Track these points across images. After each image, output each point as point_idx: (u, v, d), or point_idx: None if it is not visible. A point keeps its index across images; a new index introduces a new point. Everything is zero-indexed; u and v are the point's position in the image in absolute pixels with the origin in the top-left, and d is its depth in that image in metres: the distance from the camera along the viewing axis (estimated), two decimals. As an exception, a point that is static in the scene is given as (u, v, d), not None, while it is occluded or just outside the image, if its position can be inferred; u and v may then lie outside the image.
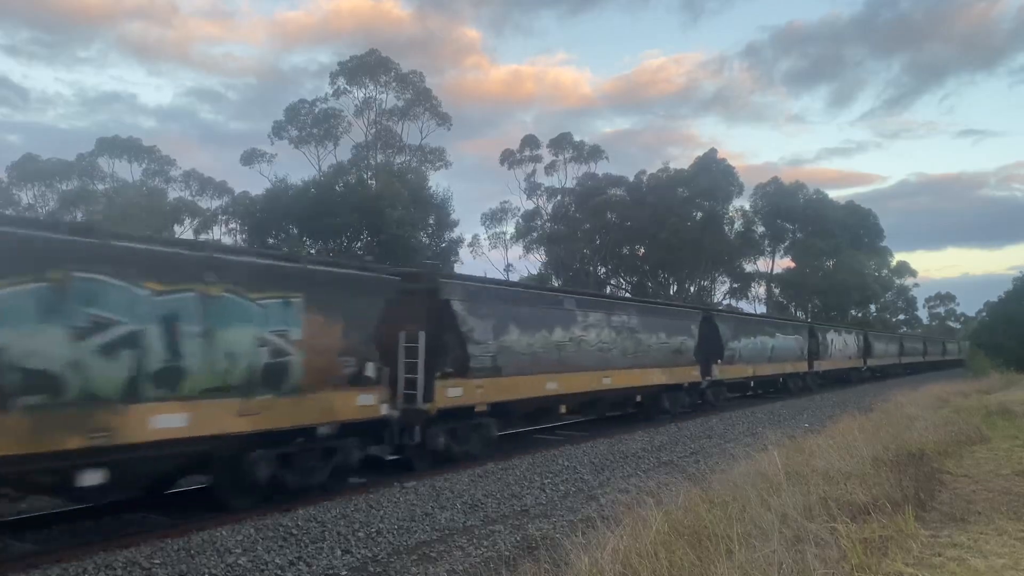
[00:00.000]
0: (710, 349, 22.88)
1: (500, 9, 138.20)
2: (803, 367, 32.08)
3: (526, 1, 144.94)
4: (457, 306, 12.73)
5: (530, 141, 65.71)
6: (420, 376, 11.69)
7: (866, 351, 43.55)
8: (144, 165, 57.77)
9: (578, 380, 15.97)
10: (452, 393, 12.32)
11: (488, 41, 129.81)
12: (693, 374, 21.56)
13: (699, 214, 63.28)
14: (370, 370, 10.66)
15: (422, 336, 11.79)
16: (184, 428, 8.12)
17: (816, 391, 32.79)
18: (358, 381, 10.49)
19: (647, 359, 19.04)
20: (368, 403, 10.58)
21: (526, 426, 17.32)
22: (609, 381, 17.25)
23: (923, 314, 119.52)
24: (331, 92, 54.44)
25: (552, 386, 15.09)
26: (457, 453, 12.75)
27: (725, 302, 65.99)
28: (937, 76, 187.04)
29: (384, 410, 10.85)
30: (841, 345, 38.79)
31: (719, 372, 23.30)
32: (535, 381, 14.61)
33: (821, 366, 34.41)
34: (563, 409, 16.25)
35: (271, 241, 43.59)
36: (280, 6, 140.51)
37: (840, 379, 38.80)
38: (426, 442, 12.05)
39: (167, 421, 7.98)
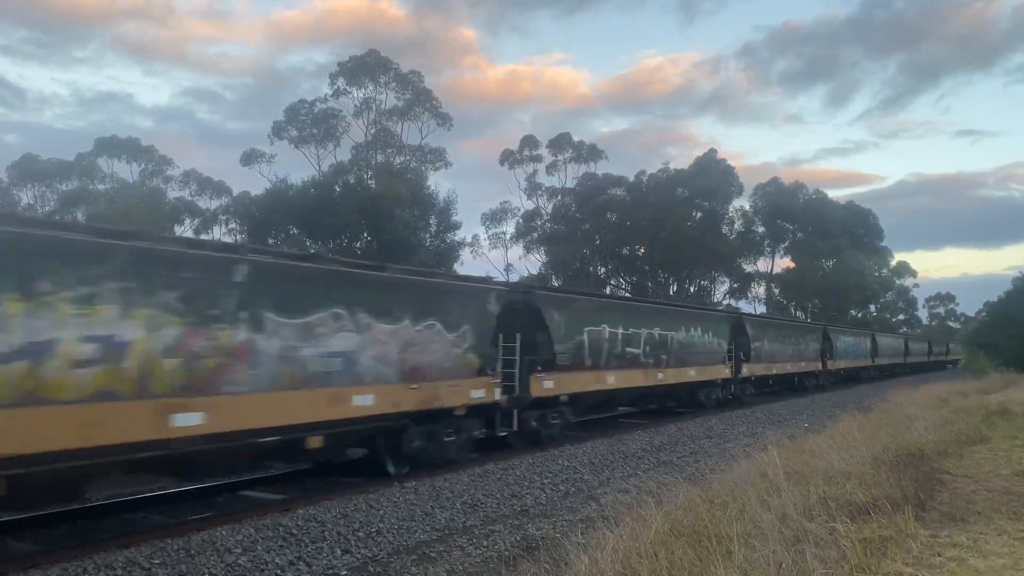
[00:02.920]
0: (523, 350, 14.26)
1: (496, 9, 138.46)
2: (723, 373, 24.04)
3: (522, 1, 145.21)
4: None
5: (529, 141, 65.83)
6: None
7: (825, 352, 35.17)
8: (142, 165, 57.90)
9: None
10: None
11: (484, 41, 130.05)
12: (475, 395, 12.76)
13: (699, 214, 63.31)
14: None
15: None
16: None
17: (750, 404, 25.82)
18: None
19: (342, 372, 10.19)
20: None
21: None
22: (199, 420, 8.25)
23: (923, 314, 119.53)
24: (331, 92, 54.58)
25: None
26: None
27: (725, 302, 66.05)
28: (933, 76, 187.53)
29: None
30: (784, 345, 30.04)
31: (539, 387, 14.51)
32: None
33: (755, 371, 26.50)
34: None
35: (271, 241, 43.62)
36: (276, 6, 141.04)
37: (791, 387, 31.81)
38: None
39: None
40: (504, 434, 14.38)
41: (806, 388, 32.82)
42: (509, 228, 66.57)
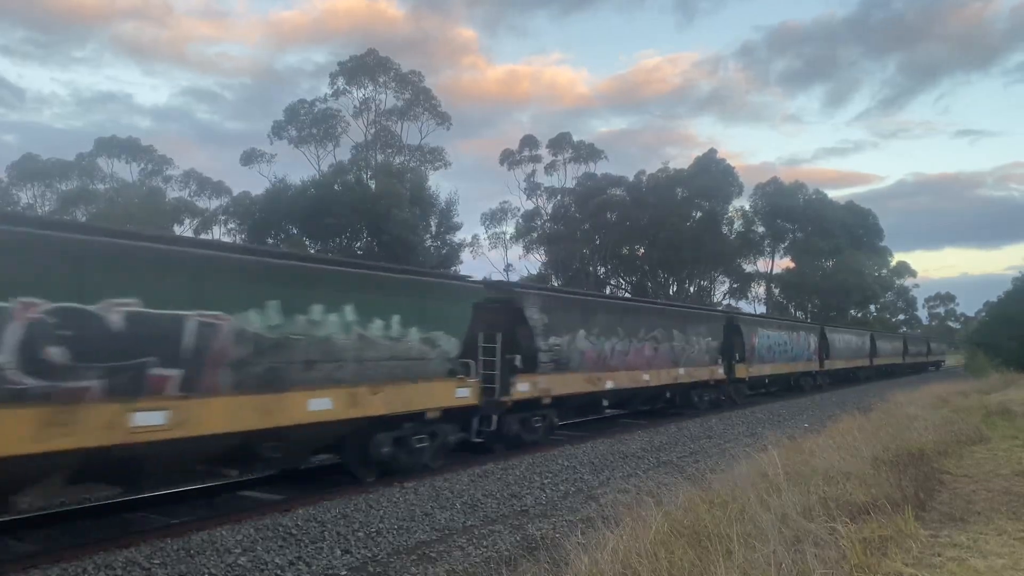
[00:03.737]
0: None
1: (493, 9, 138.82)
2: (448, 398, 12.08)
3: (519, 1, 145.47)
4: None
5: (529, 141, 65.83)
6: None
7: (732, 352, 24.75)
8: (142, 165, 57.96)
9: None
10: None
11: (483, 41, 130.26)
12: None
13: (699, 214, 63.30)
14: None
15: None
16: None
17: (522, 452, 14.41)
18: None
19: None
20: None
21: None
22: None
23: (923, 314, 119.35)
24: (330, 92, 54.57)
25: None
26: None
27: (725, 302, 66.02)
28: (932, 76, 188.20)
29: None
30: (633, 342, 18.42)
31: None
32: None
33: (555, 387, 15.31)
34: None
35: (271, 241, 43.60)
36: (274, 6, 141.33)
37: (671, 408, 21.71)
38: None
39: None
40: None
41: (695, 408, 22.36)
42: (509, 228, 66.68)
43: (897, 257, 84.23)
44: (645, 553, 5.48)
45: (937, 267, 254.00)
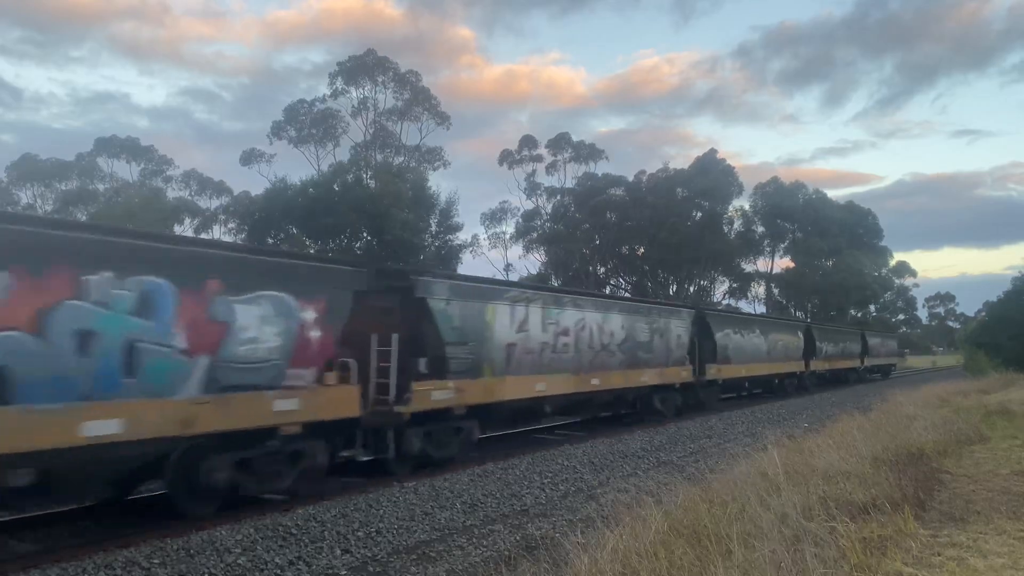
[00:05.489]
0: None
1: (491, 8, 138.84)
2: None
3: (516, 1, 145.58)
4: None
5: (528, 141, 65.84)
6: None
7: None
8: (142, 165, 57.99)
9: None
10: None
11: (481, 40, 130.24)
12: None
13: (699, 214, 63.28)
14: None
15: None
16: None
17: None
18: None
19: None
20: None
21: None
22: None
23: (923, 314, 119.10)
24: (329, 93, 54.56)
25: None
26: None
27: (725, 302, 66.01)
28: (930, 76, 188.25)
29: None
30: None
31: None
32: None
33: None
34: None
35: (271, 241, 43.58)
36: (272, 6, 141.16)
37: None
38: None
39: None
40: None
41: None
42: (509, 228, 66.67)
43: (896, 257, 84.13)
44: (645, 553, 5.48)
45: (936, 267, 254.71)
